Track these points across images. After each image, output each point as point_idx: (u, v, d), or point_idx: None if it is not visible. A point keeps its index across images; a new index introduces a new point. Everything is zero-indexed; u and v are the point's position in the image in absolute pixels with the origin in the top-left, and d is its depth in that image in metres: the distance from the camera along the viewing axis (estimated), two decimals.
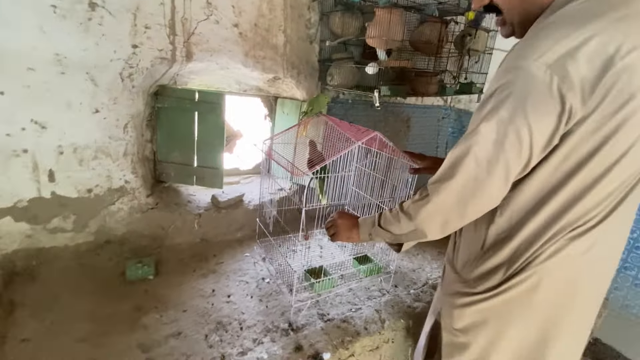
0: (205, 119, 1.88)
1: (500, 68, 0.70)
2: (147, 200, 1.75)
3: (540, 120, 0.63)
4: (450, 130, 3.12)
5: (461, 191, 0.72)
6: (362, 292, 1.64)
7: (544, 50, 0.61)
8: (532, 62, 0.62)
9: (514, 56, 0.67)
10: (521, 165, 0.68)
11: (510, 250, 0.78)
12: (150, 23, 1.51)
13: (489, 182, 0.70)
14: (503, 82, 0.65)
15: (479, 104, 0.74)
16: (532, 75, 0.61)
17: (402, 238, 0.91)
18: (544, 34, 0.64)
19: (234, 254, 1.84)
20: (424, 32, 1.91)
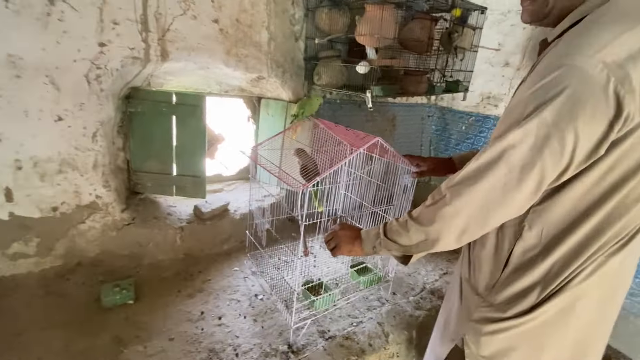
0: (184, 123, 1.72)
1: (542, 64, 0.62)
2: (122, 216, 1.58)
3: (589, 125, 0.55)
4: (434, 128, 3.12)
5: (486, 196, 0.64)
6: (361, 302, 1.57)
7: (601, 46, 0.54)
8: (587, 58, 0.54)
9: (562, 52, 0.59)
10: (556, 175, 0.61)
11: (544, 270, 0.71)
12: (119, 18, 1.34)
13: (518, 190, 0.62)
14: (548, 80, 0.57)
15: (511, 103, 0.66)
16: (586, 74, 0.54)
17: (411, 249, 0.81)
18: (598, 27, 0.57)
19: (222, 269, 1.71)
20: (414, 30, 1.85)
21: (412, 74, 1.97)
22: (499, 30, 2.50)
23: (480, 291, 0.82)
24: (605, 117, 0.55)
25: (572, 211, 0.67)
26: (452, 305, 0.94)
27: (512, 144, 0.60)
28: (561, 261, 0.70)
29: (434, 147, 3.14)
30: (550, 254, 0.70)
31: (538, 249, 0.71)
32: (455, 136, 2.95)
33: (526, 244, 0.73)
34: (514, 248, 0.74)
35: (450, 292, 0.99)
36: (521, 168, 0.60)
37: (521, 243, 0.73)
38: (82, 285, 1.46)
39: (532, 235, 0.71)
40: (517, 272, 0.75)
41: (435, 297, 1.68)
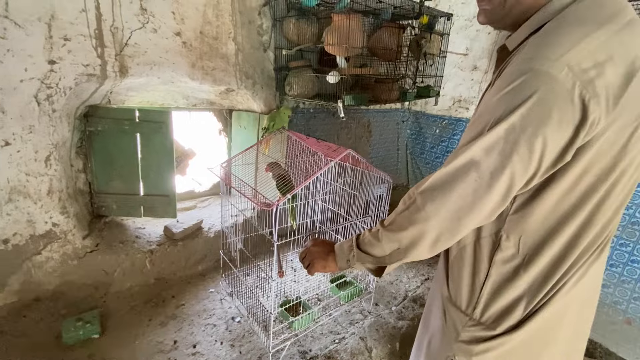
0: (149, 140, 1.64)
1: (508, 70, 0.60)
2: (84, 243, 1.47)
3: (557, 131, 0.54)
4: (409, 132, 3.15)
5: (457, 202, 0.62)
6: (344, 317, 1.53)
7: (564, 50, 0.53)
8: (552, 62, 0.53)
9: (527, 56, 0.58)
10: (525, 181, 0.60)
11: (527, 281, 0.69)
12: (70, 34, 1.25)
13: (488, 196, 0.60)
14: (515, 85, 0.56)
15: (480, 109, 0.64)
16: (552, 78, 0.53)
17: (384, 260, 0.76)
18: (560, 32, 0.57)
19: (196, 292, 1.62)
20: (382, 38, 1.86)
21: (384, 81, 1.97)
22: (466, 35, 2.56)
23: (464, 309, 0.79)
24: (571, 122, 0.54)
25: (549, 218, 0.65)
26: (435, 325, 0.89)
27: (481, 149, 0.59)
28: (544, 271, 0.68)
29: (410, 151, 3.17)
30: (532, 264, 0.68)
31: (518, 259, 0.70)
32: (430, 139, 2.99)
33: (505, 254, 0.71)
34: (493, 259, 0.72)
35: (430, 310, 0.94)
36: (490, 173, 0.59)
37: (500, 254, 0.71)
38: (41, 322, 1.34)
39: (509, 245, 0.70)
40: (500, 285, 0.72)
41: (418, 305, 1.66)
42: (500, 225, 0.69)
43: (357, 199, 1.55)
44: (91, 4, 1.27)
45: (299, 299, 1.44)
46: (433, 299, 0.91)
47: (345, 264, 0.84)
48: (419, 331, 1.00)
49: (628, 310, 1.84)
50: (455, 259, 0.80)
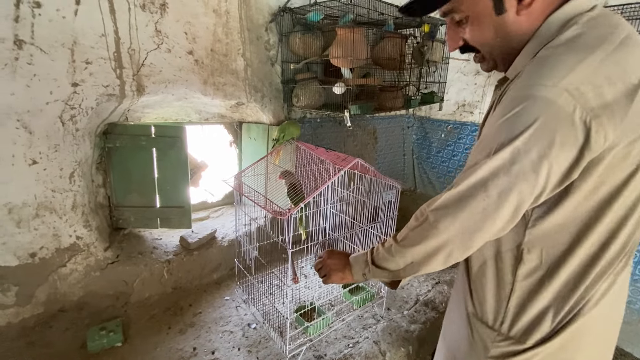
0: (165, 154, 1.71)
1: (507, 97, 0.64)
2: (106, 255, 1.54)
3: (560, 151, 0.57)
4: (415, 137, 3.19)
5: (467, 221, 0.65)
6: (357, 322, 1.56)
7: (561, 76, 0.57)
8: (550, 88, 0.56)
9: (524, 84, 0.61)
10: (533, 199, 0.63)
11: (553, 291, 0.70)
12: (91, 57, 1.34)
13: (497, 215, 0.63)
14: (517, 111, 0.59)
15: (484, 133, 0.67)
16: (552, 104, 0.56)
17: (399, 274, 0.79)
18: (554, 60, 0.60)
19: (212, 300, 1.67)
20: (385, 48, 1.91)
21: (388, 89, 2.02)
22: None
23: (491, 324, 0.78)
24: (574, 144, 0.57)
25: (569, 229, 0.67)
26: (460, 340, 0.87)
27: (489, 171, 0.62)
28: (570, 280, 0.69)
29: (416, 156, 3.21)
30: (556, 274, 0.69)
31: (541, 270, 0.70)
32: (435, 144, 3.02)
33: (528, 267, 0.72)
34: (516, 273, 0.73)
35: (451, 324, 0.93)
36: (498, 194, 0.62)
37: (523, 267, 0.72)
38: (66, 332, 1.40)
39: (532, 258, 0.71)
40: (526, 297, 0.73)
41: (429, 309, 1.68)
42: (521, 239, 0.71)
43: (366, 206, 1.59)
44: (110, 28, 1.36)
45: (313, 305, 1.47)
46: (454, 314, 0.91)
47: (361, 277, 0.88)
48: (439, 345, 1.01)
49: None
50: (478, 275, 0.81)
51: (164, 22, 1.49)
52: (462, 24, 0.71)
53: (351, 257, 0.92)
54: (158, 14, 1.46)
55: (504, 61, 0.72)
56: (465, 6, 0.68)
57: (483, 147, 0.65)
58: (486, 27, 0.68)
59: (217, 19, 1.65)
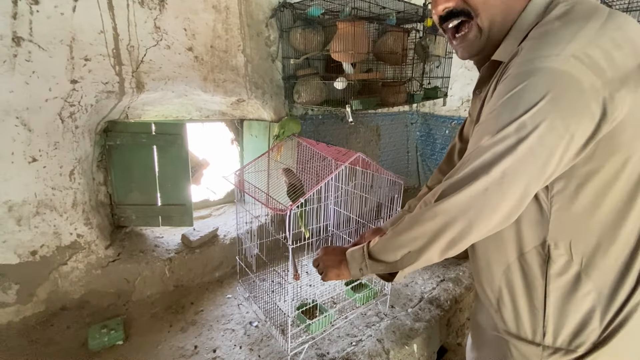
0: (165, 152, 1.70)
1: (509, 76, 0.58)
2: (107, 253, 1.53)
3: (573, 122, 0.52)
4: (419, 134, 3.15)
5: (468, 203, 0.58)
6: (360, 319, 1.54)
7: (565, 45, 0.53)
8: (555, 57, 0.52)
9: (525, 60, 0.57)
10: (544, 178, 0.57)
11: (595, 286, 0.63)
12: (90, 54, 1.33)
13: (502, 197, 0.56)
14: (521, 87, 0.54)
15: (483, 116, 0.62)
16: (559, 72, 0.52)
17: (396, 265, 0.72)
18: (552, 33, 0.56)
19: (214, 298, 1.66)
20: (387, 43, 1.89)
21: (390, 84, 1.99)
22: None
23: (531, 339, 0.69)
24: (588, 114, 0.52)
25: (599, 215, 0.60)
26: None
27: (493, 154, 0.56)
28: (614, 271, 0.62)
29: (420, 153, 3.17)
30: (594, 266, 0.62)
31: (575, 266, 0.64)
32: (439, 140, 2.98)
33: (558, 264, 0.65)
34: (547, 274, 0.65)
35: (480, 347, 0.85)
36: (502, 175, 0.55)
37: (553, 266, 0.65)
38: (67, 330, 1.39)
39: (561, 253, 0.64)
40: (564, 300, 0.65)
41: (434, 307, 1.65)
42: (545, 234, 0.64)
43: (369, 202, 1.56)
44: (109, 25, 1.35)
45: (315, 302, 1.45)
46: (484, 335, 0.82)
47: (358, 272, 0.82)
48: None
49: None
50: (503, 284, 0.72)
51: (163, 18, 1.48)
52: None
53: (347, 252, 0.86)
54: (157, 10, 1.45)
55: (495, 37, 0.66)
56: None
57: (484, 130, 0.59)
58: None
59: (216, 15, 1.64)
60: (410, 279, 1.88)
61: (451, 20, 0.68)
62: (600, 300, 0.63)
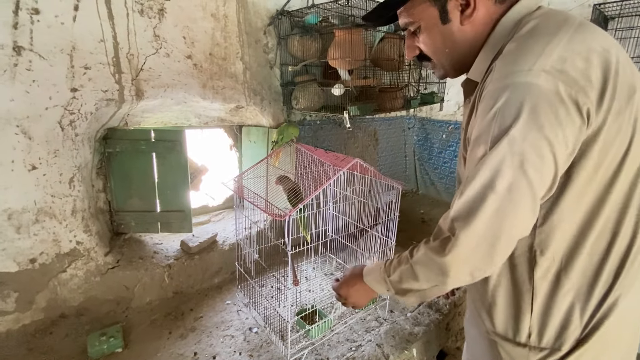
0: (165, 159, 1.71)
1: (487, 92, 0.61)
2: (106, 260, 1.53)
3: (557, 130, 0.56)
4: (416, 138, 3.17)
5: (484, 229, 0.59)
6: (359, 324, 1.54)
7: (534, 59, 0.57)
8: (527, 72, 0.56)
9: (500, 76, 0.60)
10: (547, 184, 0.59)
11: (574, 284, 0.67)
12: (90, 63, 1.34)
13: (515, 213, 0.58)
14: (502, 103, 0.57)
15: (474, 135, 0.64)
16: (533, 86, 0.56)
17: (424, 294, 0.73)
18: (521, 49, 0.59)
19: (213, 305, 1.66)
20: (384, 49, 1.91)
21: (387, 90, 2.02)
22: None
23: (518, 339, 0.73)
24: (569, 120, 0.56)
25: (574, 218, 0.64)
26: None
27: (491, 170, 0.58)
28: (589, 270, 0.66)
29: (417, 157, 3.19)
30: (572, 265, 0.66)
31: (556, 264, 0.68)
32: (437, 145, 3.00)
33: (543, 267, 0.68)
34: (533, 278, 0.69)
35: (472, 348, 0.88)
36: (508, 191, 0.57)
37: (539, 270, 0.68)
38: (67, 338, 1.39)
39: (546, 257, 0.68)
40: (547, 300, 0.69)
41: (433, 311, 1.66)
42: (532, 240, 0.68)
43: (367, 207, 1.57)
44: (109, 34, 1.36)
45: (315, 308, 1.46)
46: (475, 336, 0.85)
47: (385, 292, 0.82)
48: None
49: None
50: (494, 289, 0.75)
51: (163, 27, 1.50)
52: (416, 33, 0.75)
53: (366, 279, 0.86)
54: (156, 19, 1.47)
55: (454, 67, 0.76)
56: (416, 16, 0.72)
57: (476, 150, 0.62)
58: (435, 36, 0.72)
59: (215, 23, 1.66)
60: None
61: (422, 62, 0.80)
62: (579, 297, 0.67)
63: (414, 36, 0.76)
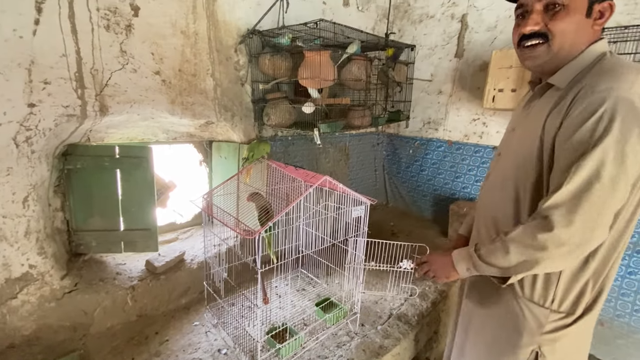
0: (130, 175, 1.66)
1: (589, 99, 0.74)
2: (63, 283, 1.44)
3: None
4: (385, 153, 3.29)
5: (588, 214, 0.73)
6: (330, 340, 1.54)
7: (630, 84, 0.72)
8: (627, 91, 0.71)
9: (604, 88, 0.73)
10: (633, 180, 0.75)
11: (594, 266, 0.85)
12: (50, 77, 1.29)
13: (613, 201, 0.74)
14: (605, 109, 0.71)
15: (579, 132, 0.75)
16: (632, 103, 0.70)
17: (510, 271, 0.86)
18: (619, 72, 0.75)
19: (180, 327, 1.60)
20: (352, 70, 2.00)
21: (356, 108, 2.09)
22: (430, 62, 2.77)
23: (542, 303, 0.91)
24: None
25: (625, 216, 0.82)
26: (506, 326, 0.98)
27: (597, 163, 0.72)
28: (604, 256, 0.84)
29: (387, 172, 3.30)
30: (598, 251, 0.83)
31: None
32: (404, 159, 3.13)
33: None
34: None
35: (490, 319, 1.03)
36: (611, 182, 0.71)
37: None
38: None
39: None
40: (572, 276, 0.86)
41: (402, 323, 1.70)
42: None
43: (337, 222, 1.61)
44: (72, 48, 1.33)
45: (285, 325, 1.45)
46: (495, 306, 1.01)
47: (466, 272, 0.95)
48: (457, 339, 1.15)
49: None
50: None
51: (130, 42, 1.48)
52: (555, 10, 0.82)
53: (453, 253, 0.98)
54: (123, 34, 1.45)
55: (561, 59, 0.85)
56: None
57: (577, 146, 0.74)
58: (575, 20, 0.82)
59: (185, 40, 1.66)
60: (379, 296, 1.93)
61: (530, 40, 0.86)
62: (594, 276, 0.86)
63: (547, 12, 0.83)
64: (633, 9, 1.95)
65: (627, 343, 2.14)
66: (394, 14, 2.91)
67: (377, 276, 2.07)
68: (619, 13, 1.95)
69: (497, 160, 1.05)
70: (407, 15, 2.86)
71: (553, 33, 0.84)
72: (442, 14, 2.65)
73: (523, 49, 0.88)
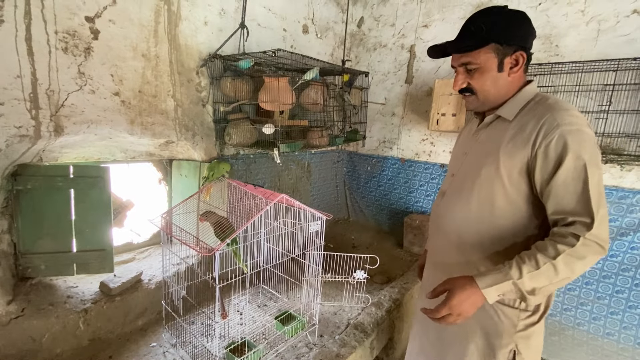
0: (85, 195, 1.64)
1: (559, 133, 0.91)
2: (8, 309, 1.38)
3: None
4: (345, 170, 3.45)
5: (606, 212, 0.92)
6: (290, 352, 1.60)
7: (582, 120, 0.93)
8: (584, 125, 0.91)
9: (567, 122, 0.91)
10: None
11: None
12: (3, 99, 1.28)
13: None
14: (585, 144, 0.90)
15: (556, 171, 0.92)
16: (590, 134, 0.92)
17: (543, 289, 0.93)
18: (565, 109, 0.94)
19: (136, 349, 1.57)
20: (310, 95, 2.14)
21: (315, 129, 2.23)
22: (383, 87, 3.01)
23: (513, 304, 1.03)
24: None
25: None
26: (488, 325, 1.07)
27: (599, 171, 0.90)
28: None
29: (347, 187, 3.46)
30: None
31: None
32: (363, 176, 3.31)
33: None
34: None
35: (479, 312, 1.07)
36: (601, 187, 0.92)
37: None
38: None
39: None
40: None
41: (359, 331, 1.80)
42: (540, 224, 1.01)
43: (296, 237, 1.69)
44: (27, 70, 1.33)
45: (244, 339, 1.49)
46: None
47: (495, 297, 0.93)
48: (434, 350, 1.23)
49: None
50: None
51: (89, 64, 1.50)
52: (472, 72, 1.02)
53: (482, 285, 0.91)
54: (82, 57, 1.48)
55: (489, 103, 1.06)
56: (480, 61, 0.99)
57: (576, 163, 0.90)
58: (489, 77, 1.00)
59: (146, 62, 1.71)
60: (338, 307, 2.02)
61: (463, 92, 1.08)
62: None
63: (467, 73, 1.03)
64: (549, 47, 2.29)
65: (559, 339, 2.40)
66: (350, 42, 3.14)
67: (337, 288, 2.16)
68: (537, 51, 2.29)
69: (450, 180, 1.20)
70: (362, 43, 3.10)
71: (475, 89, 1.04)
72: (394, 43, 2.91)
73: (463, 98, 1.12)
